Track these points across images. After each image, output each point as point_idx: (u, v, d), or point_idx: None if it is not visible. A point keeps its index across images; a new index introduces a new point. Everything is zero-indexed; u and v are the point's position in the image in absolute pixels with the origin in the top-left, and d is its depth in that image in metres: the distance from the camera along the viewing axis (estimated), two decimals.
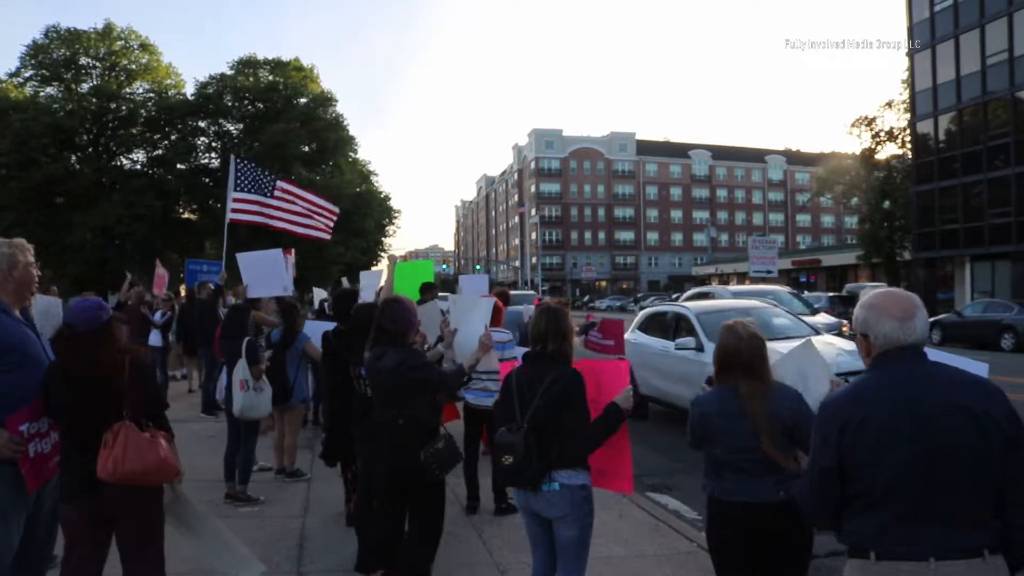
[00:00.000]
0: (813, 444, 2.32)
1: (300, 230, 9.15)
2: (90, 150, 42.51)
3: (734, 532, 2.95)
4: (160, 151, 43.76)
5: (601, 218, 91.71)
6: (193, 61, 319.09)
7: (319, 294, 12.09)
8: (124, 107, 41.91)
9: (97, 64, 42.49)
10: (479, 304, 4.75)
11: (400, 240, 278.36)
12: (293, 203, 9.09)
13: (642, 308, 15.07)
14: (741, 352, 3.00)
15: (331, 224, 9.62)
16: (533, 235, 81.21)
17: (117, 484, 3.04)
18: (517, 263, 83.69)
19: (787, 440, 2.88)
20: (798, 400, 2.97)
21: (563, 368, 3.33)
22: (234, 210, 8.49)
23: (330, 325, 6.11)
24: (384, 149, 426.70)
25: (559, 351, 3.38)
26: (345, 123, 46.04)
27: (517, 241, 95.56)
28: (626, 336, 9.08)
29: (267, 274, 6.51)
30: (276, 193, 8.84)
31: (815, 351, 3.43)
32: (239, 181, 8.54)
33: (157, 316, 12.62)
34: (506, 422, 3.36)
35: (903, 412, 2.14)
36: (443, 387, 4.05)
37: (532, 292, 32.96)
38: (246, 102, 43.87)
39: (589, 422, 3.28)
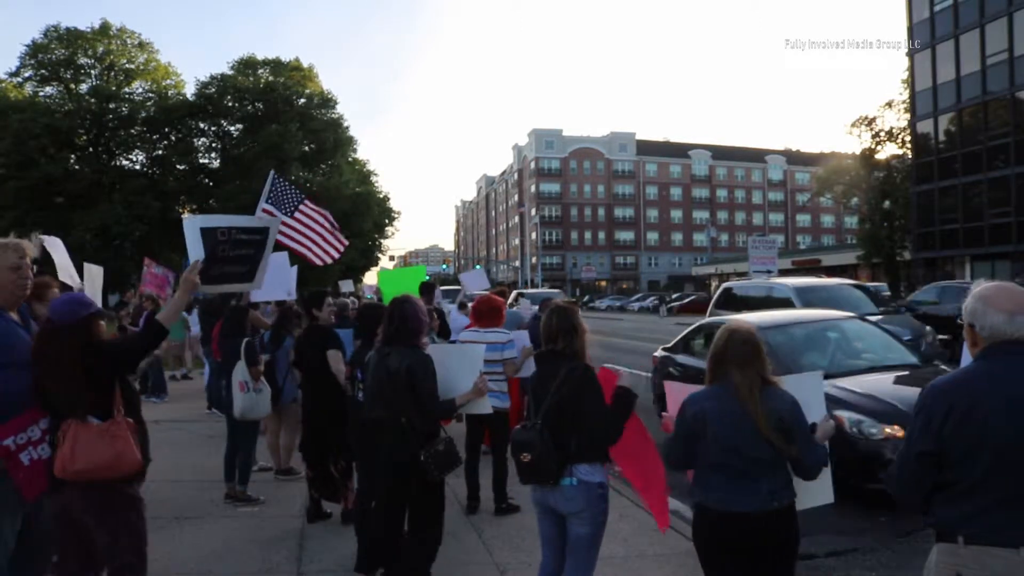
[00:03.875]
0: (911, 428, 2.33)
1: (302, 251, 8.95)
2: (90, 150, 42.54)
3: (725, 543, 2.88)
4: (160, 151, 43.76)
5: (601, 218, 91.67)
6: (193, 61, 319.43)
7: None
8: (124, 107, 41.94)
9: (96, 64, 42.49)
10: (465, 354, 4.37)
11: (400, 240, 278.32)
12: (309, 223, 8.92)
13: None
14: (731, 347, 2.95)
15: (337, 252, 9.33)
16: (533, 235, 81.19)
17: (75, 483, 3.00)
18: (517, 263, 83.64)
19: (784, 439, 2.81)
20: (794, 402, 2.92)
21: (575, 363, 3.36)
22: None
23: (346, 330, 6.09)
24: (384, 149, 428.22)
25: (569, 347, 3.41)
26: (345, 123, 46.05)
27: (517, 241, 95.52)
28: None
29: (271, 279, 6.49)
30: (296, 214, 8.76)
31: (820, 384, 3.33)
32: (271, 195, 8.57)
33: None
34: (525, 420, 3.43)
35: (1008, 403, 2.17)
36: (431, 407, 3.91)
37: (557, 291, 31.00)
38: (246, 102, 43.87)
39: (606, 409, 3.29)
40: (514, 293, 28.29)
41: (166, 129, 43.16)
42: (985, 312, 2.27)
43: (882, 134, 41.47)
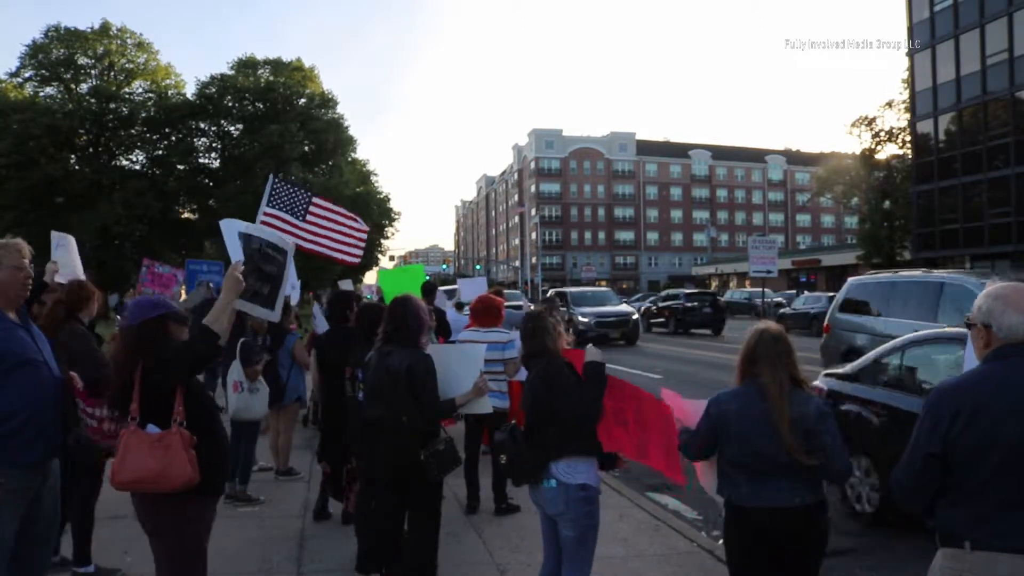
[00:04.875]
0: (918, 430, 2.30)
1: (331, 252, 8.66)
2: (90, 150, 42.51)
3: (751, 538, 2.91)
4: (160, 151, 43.73)
5: (601, 218, 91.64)
6: (193, 61, 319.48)
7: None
8: (124, 107, 41.91)
9: (96, 64, 42.45)
10: (465, 353, 4.31)
11: (400, 240, 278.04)
12: (325, 223, 8.63)
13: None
14: (761, 345, 2.95)
15: (362, 243, 9.02)
16: (533, 235, 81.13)
17: (137, 495, 3.01)
18: (517, 263, 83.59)
19: (804, 444, 2.79)
20: (822, 405, 2.92)
21: (541, 360, 3.45)
22: (263, 223, 8.13)
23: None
24: (384, 149, 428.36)
25: (538, 348, 3.52)
26: (345, 124, 46.01)
27: (517, 241, 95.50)
28: None
29: None
30: (308, 216, 8.42)
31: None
32: (272, 198, 8.25)
33: None
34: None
35: (1018, 404, 2.14)
36: (431, 407, 3.89)
37: (607, 290, 29.52)
38: (246, 102, 43.84)
39: (578, 396, 3.32)
40: (551, 291, 27.75)
41: (166, 129, 43.10)
42: (1004, 312, 2.24)
43: (882, 134, 41.47)
